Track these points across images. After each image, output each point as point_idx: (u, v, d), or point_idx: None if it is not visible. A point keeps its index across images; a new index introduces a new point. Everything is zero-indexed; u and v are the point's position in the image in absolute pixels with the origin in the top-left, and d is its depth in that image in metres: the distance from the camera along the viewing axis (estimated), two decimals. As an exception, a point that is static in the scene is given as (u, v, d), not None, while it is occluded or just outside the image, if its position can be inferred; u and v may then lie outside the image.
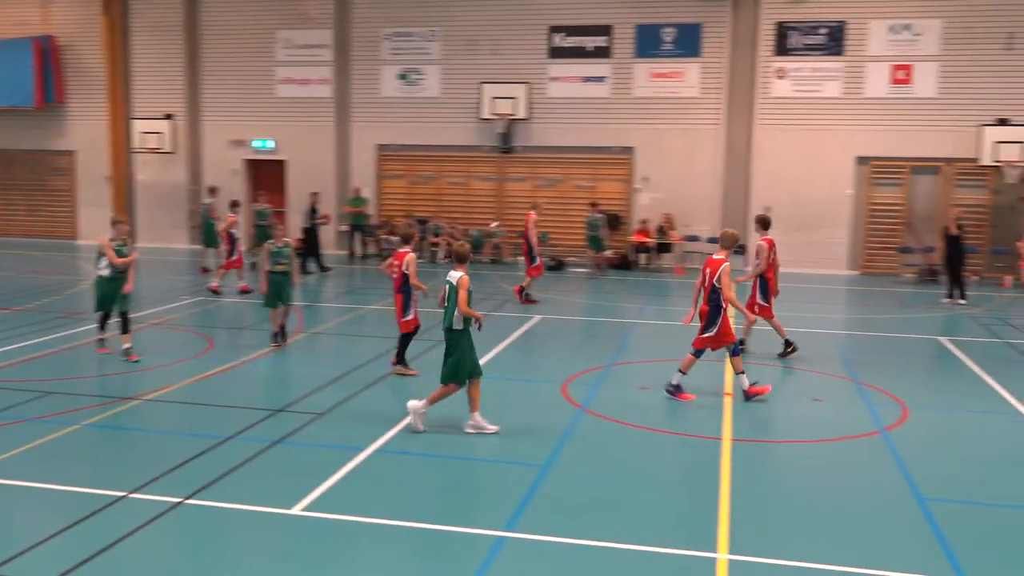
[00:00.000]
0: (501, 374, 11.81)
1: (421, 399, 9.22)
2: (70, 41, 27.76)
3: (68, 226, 28.70)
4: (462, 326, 9.05)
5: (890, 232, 23.19)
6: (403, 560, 6.44)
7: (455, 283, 9.05)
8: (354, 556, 6.51)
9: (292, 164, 26.49)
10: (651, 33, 23.94)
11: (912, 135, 22.70)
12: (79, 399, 10.09)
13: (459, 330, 9.06)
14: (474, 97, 24.68)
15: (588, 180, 24.83)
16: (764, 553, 6.49)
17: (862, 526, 7.14)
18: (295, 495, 7.34)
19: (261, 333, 13.95)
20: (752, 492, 7.75)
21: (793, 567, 6.31)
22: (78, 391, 10.45)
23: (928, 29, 22.45)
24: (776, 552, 6.52)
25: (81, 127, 28.03)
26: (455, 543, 6.65)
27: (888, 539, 6.89)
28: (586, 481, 7.99)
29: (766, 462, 8.60)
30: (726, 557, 6.43)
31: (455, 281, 9.05)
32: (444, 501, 7.47)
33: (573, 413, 10.02)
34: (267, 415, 9.64)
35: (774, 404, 10.72)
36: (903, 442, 9.18)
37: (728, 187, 23.87)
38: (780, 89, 23.33)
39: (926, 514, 7.28)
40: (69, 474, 7.88)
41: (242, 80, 26.56)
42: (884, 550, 6.67)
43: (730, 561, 6.37)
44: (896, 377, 12.01)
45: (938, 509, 7.37)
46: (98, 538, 6.51)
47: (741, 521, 7.08)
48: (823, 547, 6.68)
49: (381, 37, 25.52)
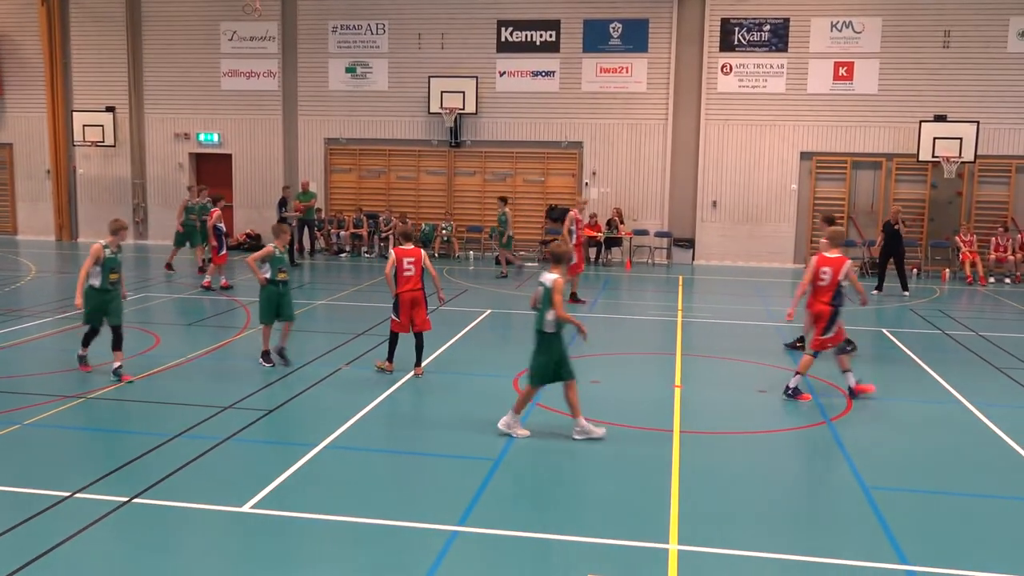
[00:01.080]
0: (453, 369, 11.81)
1: (506, 415, 9.00)
2: (6, 31, 27.05)
3: (6, 221, 27.98)
4: (554, 329, 8.74)
5: (833, 226, 23.60)
6: (356, 556, 6.41)
7: (549, 285, 8.67)
8: (307, 553, 6.46)
9: (238, 158, 26.14)
10: (599, 28, 24.07)
11: (854, 131, 23.18)
12: (21, 398, 9.86)
13: (550, 333, 8.76)
14: (423, 91, 24.60)
15: (537, 174, 24.91)
16: (714, 543, 6.59)
17: (809, 515, 7.29)
18: (246, 493, 7.27)
19: (207, 330, 13.77)
20: (702, 483, 7.85)
21: (742, 556, 6.42)
22: (18, 390, 10.20)
23: (869, 27, 22.91)
24: (726, 542, 6.62)
25: (18, 119, 27.34)
26: (408, 538, 6.63)
27: (834, 527, 7.05)
28: (538, 474, 8.03)
29: (715, 453, 8.72)
30: (677, 548, 6.52)
31: (549, 283, 8.68)
32: (396, 496, 7.45)
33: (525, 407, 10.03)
34: (215, 412, 9.51)
35: (722, 396, 10.88)
36: (847, 432, 9.38)
37: (676, 181, 24.14)
38: (726, 85, 23.63)
39: (870, 502, 7.45)
40: (10, 475, 7.69)
41: (186, 72, 26.13)
42: (830, 538, 6.82)
43: (680, 552, 6.46)
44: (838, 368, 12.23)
45: (881, 497, 7.54)
46: (42, 540, 6.37)
47: (691, 512, 7.17)
48: (771, 536, 6.81)
49: (328, 30, 25.30)
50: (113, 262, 10.70)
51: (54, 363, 11.72)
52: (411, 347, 11.30)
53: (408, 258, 11.18)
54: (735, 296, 18.66)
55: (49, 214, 27.34)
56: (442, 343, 13.14)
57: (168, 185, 26.67)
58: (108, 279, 10.69)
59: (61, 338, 13.26)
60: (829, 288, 10.45)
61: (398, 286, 11.15)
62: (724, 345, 13.68)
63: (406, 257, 11.17)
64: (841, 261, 10.47)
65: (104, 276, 10.67)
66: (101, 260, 10.57)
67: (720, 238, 24.16)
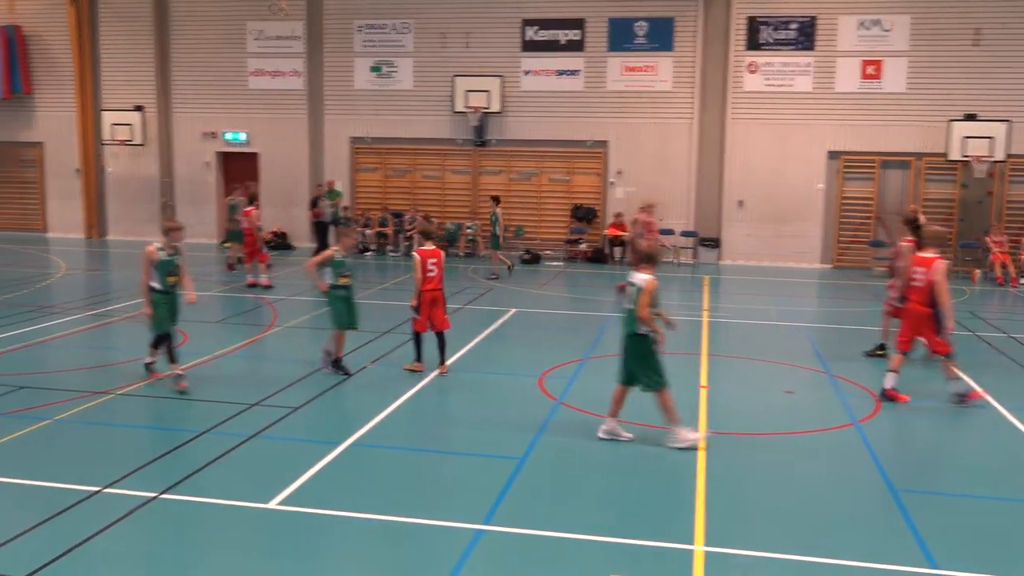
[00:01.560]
0: (478, 368, 11.82)
1: (605, 421, 8.87)
2: (36, 31, 27.35)
3: (37, 219, 28.31)
4: (646, 330, 8.51)
5: (861, 226, 23.44)
6: (381, 554, 6.43)
7: (640, 286, 8.42)
8: (332, 550, 6.49)
9: (264, 157, 26.30)
10: (624, 27, 23.99)
11: (882, 130, 22.95)
12: (51, 394, 9.97)
13: (642, 335, 8.53)
14: (447, 90, 24.63)
15: (562, 174, 24.87)
16: (740, 544, 6.55)
17: (836, 517, 7.22)
18: (272, 489, 7.31)
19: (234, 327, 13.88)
20: (728, 484, 7.81)
21: (769, 558, 6.37)
22: (50, 386, 10.32)
23: (897, 25, 22.68)
24: (752, 543, 6.58)
25: (49, 118, 27.64)
26: (433, 536, 6.64)
27: (862, 530, 6.98)
28: (563, 474, 8.01)
29: (742, 454, 8.66)
30: (702, 549, 6.48)
31: (641, 283, 8.42)
32: (421, 494, 7.46)
33: (550, 406, 10.04)
34: (242, 409, 9.57)
35: (748, 396, 10.81)
36: (876, 434, 9.29)
37: (702, 180, 24.02)
38: (752, 83, 23.48)
39: (899, 505, 7.38)
40: (42, 469, 7.78)
41: (213, 72, 26.31)
42: (858, 541, 6.75)
43: (706, 553, 6.42)
44: (869, 370, 12.13)
45: (910, 500, 7.46)
46: (72, 533, 6.45)
47: (717, 513, 7.13)
48: (798, 538, 6.76)
49: (353, 29, 25.38)
50: (169, 264, 10.34)
51: (83, 359, 11.85)
52: (435, 346, 11.34)
53: (431, 259, 11.24)
54: (761, 296, 18.54)
55: (78, 212, 27.63)
56: (467, 342, 13.15)
57: (195, 184, 26.87)
58: (167, 282, 10.33)
59: (90, 335, 13.41)
60: (924, 288, 10.33)
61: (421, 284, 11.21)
62: (750, 346, 13.59)
63: (429, 258, 11.24)
64: (934, 262, 10.29)
65: (162, 279, 10.30)
66: (156, 262, 10.26)
67: (746, 238, 24.01)
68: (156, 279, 10.29)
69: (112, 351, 12.68)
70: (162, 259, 10.28)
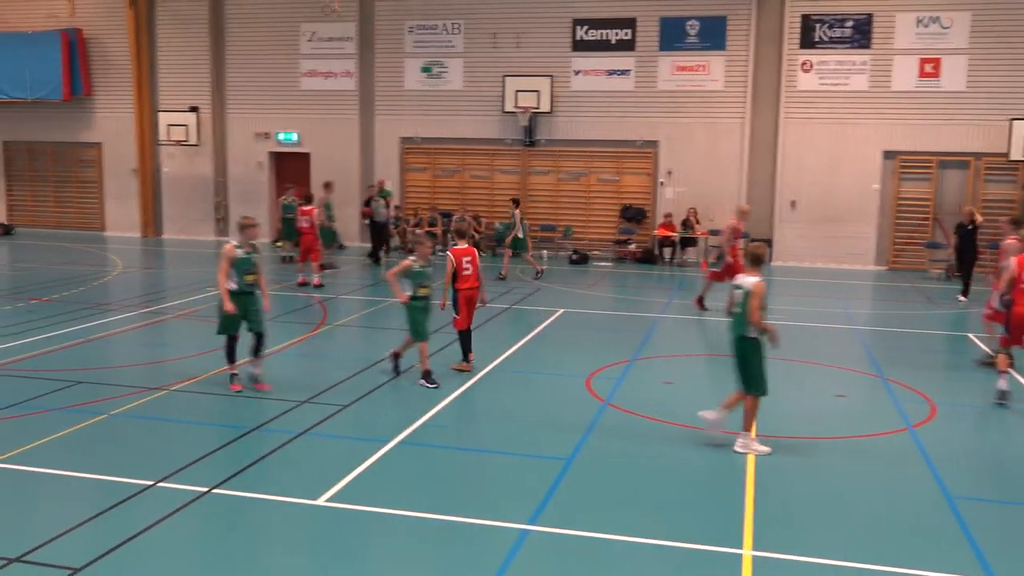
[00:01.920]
0: (526, 368, 11.82)
1: (713, 410, 8.77)
2: (96, 33, 27.97)
3: (96, 218, 28.96)
4: (756, 333, 8.40)
5: (918, 227, 22.99)
6: (427, 552, 6.45)
7: (749, 288, 8.31)
8: (378, 547, 6.53)
9: (316, 157, 26.59)
10: (675, 26, 23.80)
11: (940, 129, 22.47)
12: (107, 389, 10.18)
13: (752, 338, 8.43)
14: (497, 90, 24.66)
15: (611, 174, 24.77)
16: (790, 550, 6.46)
17: (889, 523, 7.08)
18: (321, 486, 7.38)
19: (285, 325, 14.05)
20: (778, 488, 7.70)
21: (818, 564, 6.27)
22: (105, 381, 10.54)
23: (957, 21, 22.18)
24: (801, 549, 6.48)
25: (107, 119, 28.25)
26: (479, 536, 6.65)
27: (915, 537, 6.83)
28: (610, 476, 7.97)
29: (792, 458, 8.53)
30: (751, 553, 6.40)
31: (749, 286, 8.33)
32: (468, 494, 7.48)
33: (597, 407, 10.00)
34: (292, 406, 9.68)
35: (799, 400, 10.66)
36: (932, 439, 9.09)
37: (753, 181, 23.74)
38: (806, 82, 23.15)
39: (954, 512, 7.21)
40: (97, 463, 7.96)
41: (266, 72, 26.67)
42: (911, 548, 6.61)
43: (755, 557, 6.34)
44: (924, 374, 11.90)
45: (966, 507, 7.29)
46: (127, 526, 6.58)
47: (766, 517, 7.04)
48: (848, 544, 6.63)
49: (404, 30, 25.54)
50: (246, 263, 10.01)
51: (139, 356, 12.08)
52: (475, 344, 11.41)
53: (465, 257, 11.29)
54: (813, 298, 18.26)
55: (135, 211, 28.20)
56: (515, 342, 13.16)
57: (248, 183, 27.27)
58: (244, 281, 10.06)
59: (145, 332, 13.68)
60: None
61: (457, 283, 11.25)
62: (802, 348, 13.38)
63: (463, 256, 11.29)
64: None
65: (239, 278, 10.02)
66: (233, 260, 9.93)
67: (799, 239, 23.68)
68: (233, 278, 10.01)
69: (166, 348, 12.92)
70: (240, 257, 9.99)
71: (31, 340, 12.62)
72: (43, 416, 9.19)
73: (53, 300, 15.90)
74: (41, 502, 7.23)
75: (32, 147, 29.17)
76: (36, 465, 7.81)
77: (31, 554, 6.11)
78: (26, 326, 13.56)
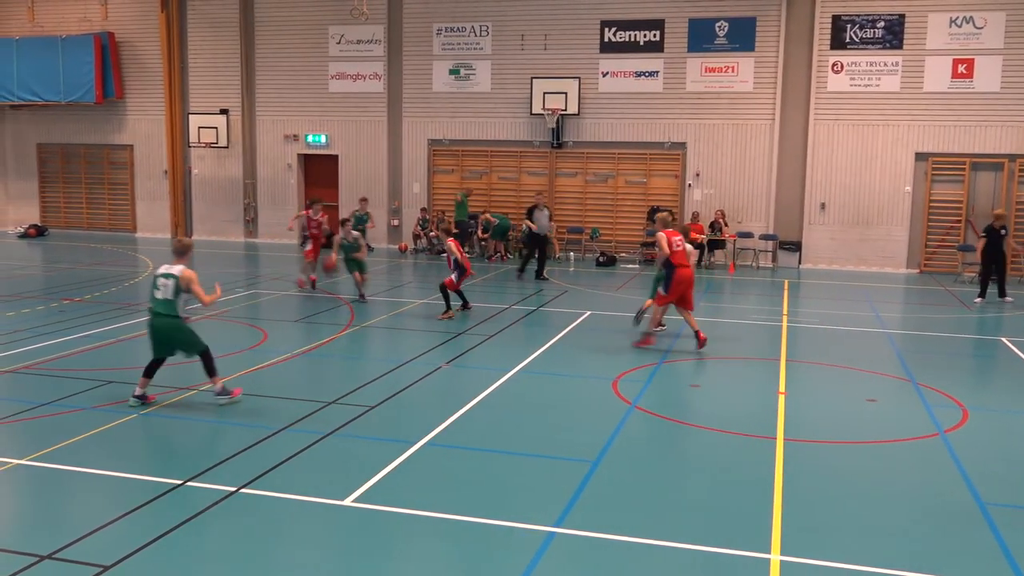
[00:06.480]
0: (552, 370, 11.79)
1: None
2: (128, 37, 28.31)
3: (127, 219, 29.30)
4: None
5: (950, 230, 22.71)
6: (453, 553, 6.45)
7: None
8: (404, 548, 6.54)
9: (344, 159, 26.73)
10: (704, 27, 23.69)
11: (973, 130, 22.21)
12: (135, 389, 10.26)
13: None
14: (525, 92, 24.67)
15: (639, 175, 24.69)
16: (818, 555, 6.38)
17: (919, 529, 6.99)
18: (347, 486, 7.40)
19: (313, 326, 14.12)
20: (806, 492, 7.62)
21: (847, 570, 6.19)
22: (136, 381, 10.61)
23: (991, 22, 21.91)
24: (830, 554, 6.40)
25: (139, 122, 28.59)
26: (505, 538, 6.64)
27: (946, 544, 6.74)
28: (636, 478, 7.93)
29: (821, 462, 8.45)
30: (779, 558, 6.34)
31: None
32: (494, 495, 7.47)
33: (624, 410, 9.96)
34: (320, 407, 9.73)
35: (828, 404, 10.56)
36: (963, 445, 8.97)
37: (782, 182, 23.58)
38: (836, 84, 22.95)
39: (987, 519, 7.10)
40: (127, 462, 8.04)
41: (295, 75, 26.86)
42: (943, 555, 6.52)
43: (783, 562, 6.28)
44: (956, 378, 11.75)
45: (999, 514, 7.18)
46: (157, 524, 6.63)
47: (794, 522, 6.97)
48: (878, 550, 6.55)
49: (432, 32, 25.62)
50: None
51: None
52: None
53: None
54: (844, 301, 18.09)
55: (165, 213, 28.51)
56: (541, 344, 13.15)
57: (277, 185, 27.48)
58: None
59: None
60: None
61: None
62: (831, 352, 13.27)
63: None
64: None
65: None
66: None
67: (829, 241, 23.48)
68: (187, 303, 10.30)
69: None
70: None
71: (63, 340, 12.78)
72: (75, 415, 9.29)
73: (85, 300, 16.10)
74: (72, 500, 7.31)
75: (65, 149, 29.58)
76: (67, 463, 7.90)
77: (61, 551, 6.17)
78: (58, 326, 13.74)
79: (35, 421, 9.13)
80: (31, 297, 16.56)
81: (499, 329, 14.23)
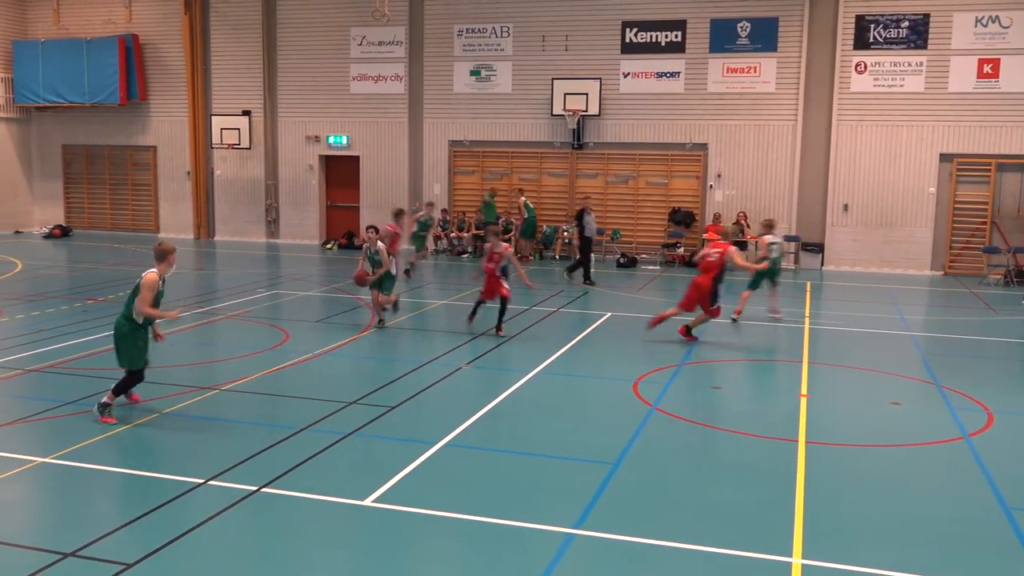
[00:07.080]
0: (573, 371, 11.77)
1: None
2: (152, 39, 28.51)
3: (150, 219, 29.52)
4: None
5: (975, 232, 22.48)
6: (473, 554, 6.44)
7: None
8: (424, 548, 6.54)
9: (365, 160, 26.81)
10: (726, 28, 23.58)
11: (999, 131, 21.97)
12: (160, 388, 10.34)
13: None
14: (546, 93, 24.65)
15: (660, 176, 24.60)
16: (840, 559, 6.33)
17: (943, 534, 6.92)
18: (367, 486, 7.42)
19: (334, 327, 14.15)
20: (828, 496, 7.56)
21: (870, 574, 6.14)
22: (158, 380, 10.70)
23: (1017, 21, 21.67)
24: (853, 558, 6.34)
25: (162, 123, 28.79)
26: (525, 539, 6.63)
27: (970, 548, 6.66)
28: (656, 480, 7.90)
29: (843, 465, 8.38)
30: (800, 562, 6.29)
31: None
32: (514, 496, 7.45)
33: (644, 412, 9.92)
34: (340, 407, 9.76)
35: (851, 407, 10.47)
36: (988, 449, 8.86)
37: (805, 184, 23.42)
38: (860, 84, 22.77)
39: (1012, 523, 7.02)
40: (151, 460, 8.10)
41: (317, 77, 26.96)
42: (966, 559, 6.45)
43: (804, 566, 6.23)
44: (981, 381, 11.62)
45: (1025, 519, 7.10)
46: (178, 523, 6.67)
47: (816, 525, 6.91)
48: (901, 555, 6.48)
49: (453, 33, 25.64)
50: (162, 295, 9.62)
51: (191, 356, 12.27)
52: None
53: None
54: (867, 303, 17.95)
55: (188, 213, 28.70)
56: (562, 345, 13.12)
57: (298, 186, 27.59)
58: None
59: (196, 332, 13.87)
60: None
61: None
62: (854, 354, 13.16)
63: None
64: None
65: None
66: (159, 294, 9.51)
67: (852, 243, 23.30)
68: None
69: (217, 348, 13.11)
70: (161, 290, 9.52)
71: (86, 340, 12.88)
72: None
73: (108, 300, 16.23)
74: (94, 498, 7.37)
75: (90, 150, 29.84)
76: (90, 462, 7.97)
77: (84, 549, 6.22)
78: (81, 326, 13.85)
79: (59, 420, 9.21)
80: (55, 297, 16.72)
81: (520, 330, 14.22)
